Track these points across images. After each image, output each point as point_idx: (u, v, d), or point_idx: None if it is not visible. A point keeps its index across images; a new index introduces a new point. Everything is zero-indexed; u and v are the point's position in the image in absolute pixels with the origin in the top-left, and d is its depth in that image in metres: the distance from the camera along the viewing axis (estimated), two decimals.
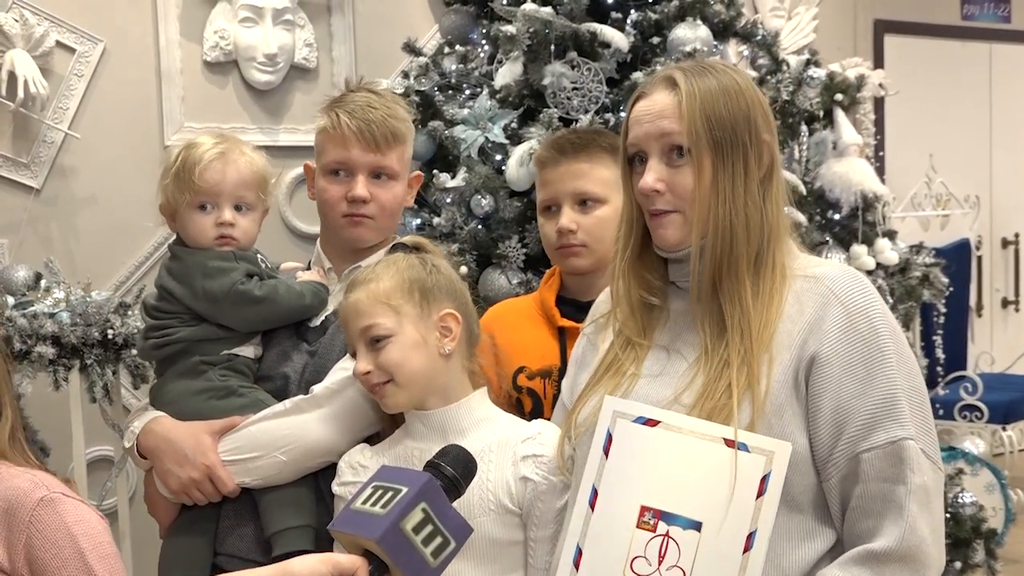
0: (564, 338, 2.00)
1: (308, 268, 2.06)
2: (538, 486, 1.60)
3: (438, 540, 1.20)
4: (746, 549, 1.35)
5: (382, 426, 1.81)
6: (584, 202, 1.98)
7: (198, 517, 1.88)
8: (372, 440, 1.81)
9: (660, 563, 1.38)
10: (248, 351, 1.94)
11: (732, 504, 1.37)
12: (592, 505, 1.45)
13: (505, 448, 1.64)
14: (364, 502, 1.22)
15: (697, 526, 1.38)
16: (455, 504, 1.26)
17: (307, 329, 1.95)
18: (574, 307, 2.02)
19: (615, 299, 1.61)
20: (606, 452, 1.46)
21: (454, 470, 1.26)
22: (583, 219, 1.97)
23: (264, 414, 1.83)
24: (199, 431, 1.84)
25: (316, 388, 1.82)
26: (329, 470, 1.80)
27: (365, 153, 1.91)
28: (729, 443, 1.39)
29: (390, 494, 1.21)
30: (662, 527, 1.40)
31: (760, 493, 1.37)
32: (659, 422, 1.44)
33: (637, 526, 1.41)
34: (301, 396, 1.83)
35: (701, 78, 1.51)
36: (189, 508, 1.88)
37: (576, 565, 1.43)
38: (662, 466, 1.42)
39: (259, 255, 2.00)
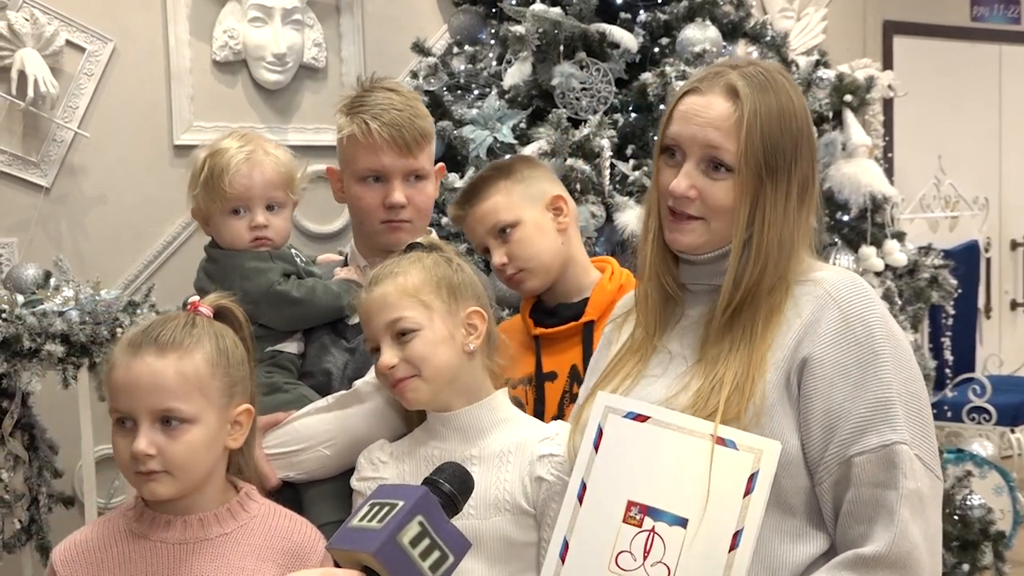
0: (539, 346, 2.05)
1: (345, 262, 2.10)
2: (552, 486, 1.60)
3: (436, 554, 1.19)
4: (732, 548, 1.35)
5: (414, 423, 1.81)
6: (502, 231, 2.02)
7: None
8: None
9: (645, 558, 1.38)
10: (292, 347, 1.97)
11: (718, 502, 1.36)
12: (580, 499, 1.45)
13: (524, 449, 1.64)
14: (361, 519, 1.21)
15: (683, 523, 1.38)
16: (455, 520, 1.26)
17: (345, 327, 1.97)
18: (543, 313, 2.07)
19: (638, 298, 1.60)
20: (596, 447, 1.46)
21: (451, 486, 1.26)
22: (508, 248, 2.02)
23: (308, 409, 1.85)
24: None
25: (358, 383, 1.84)
26: None
27: (398, 159, 1.93)
28: (717, 440, 1.38)
29: (386, 509, 1.20)
30: (648, 522, 1.39)
31: (747, 491, 1.36)
32: (649, 417, 1.44)
33: (623, 521, 1.41)
34: (343, 391, 1.84)
35: (764, 95, 1.45)
36: None
37: (562, 558, 1.43)
38: (650, 461, 1.42)
39: (293, 250, 2.03)
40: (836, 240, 3.27)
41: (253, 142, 1.96)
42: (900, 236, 3.42)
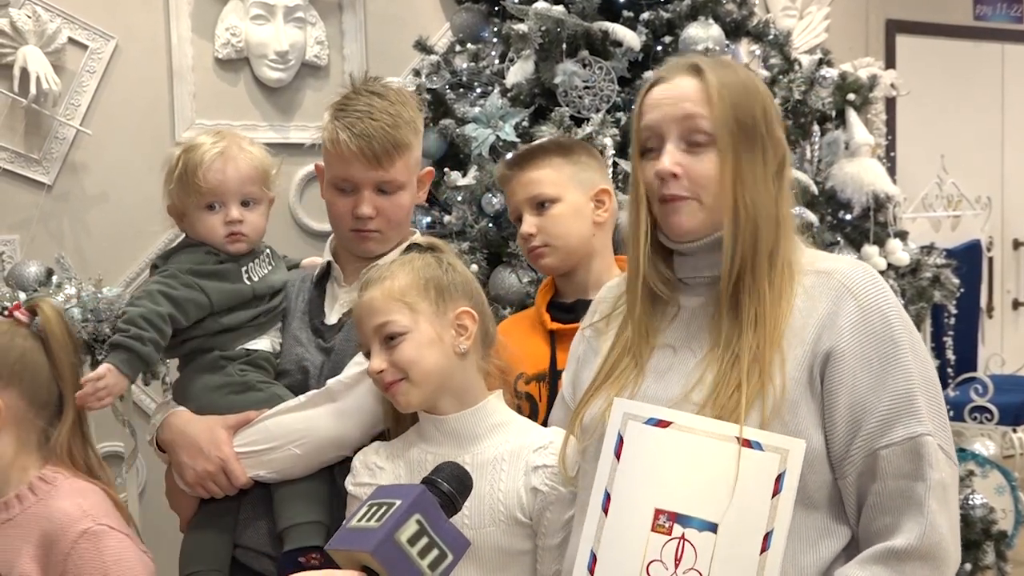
0: (554, 341, 2.04)
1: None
2: (547, 497, 1.59)
3: (435, 552, 1.19)
4: (763, 549, 1.34)
5: (389, 423, 1.80)
6: (541, 204, 2.03)
7: (217, 511, 1.90)
8: (384, 437, 1.80)
9: (677, 566, 1.37)
10: (264, 344, 1.97)
11: (747, 504, 1.36)
12: (605, 509, 1.43)
13: (517, 458, 1.63)
14: (360, 519, 1.21)
15: (713, 528, 1.37)
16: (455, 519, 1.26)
17: (323, 326, 1.96)
18: (560, 309, 2.07)
19: (629, 301, 1.59)
20: (617, 455, 1.44)
21: (449, 485, 1.25)
22: (541, 220, 2.03)
23: (279, 408, 1.85)
24: (214, 425, 1.86)
25: (331, 382, 1.84)
26: (346, 464, 1.80)
27: (367, 171, 1.90)
28: (743, 443, 1.38)
29: (384, 508, 1.20)
30: (677, 530, 1.38)
31: (776, 492, 1.35)
32: (671, 423, 1.42)
33: (652, 529, 1.39)
34: (315, 391, 1.85)
35: (725, 70, 1.51)
36: (208, 502, 1.90)
37: (591, 571, 1.41)
38: (675, 467, 1.41)
39: (269, 249, 2.02)
40: (839, 239, 3.26)
41: (227, 138, 1.97)
42: (902, 235, 3.41)
